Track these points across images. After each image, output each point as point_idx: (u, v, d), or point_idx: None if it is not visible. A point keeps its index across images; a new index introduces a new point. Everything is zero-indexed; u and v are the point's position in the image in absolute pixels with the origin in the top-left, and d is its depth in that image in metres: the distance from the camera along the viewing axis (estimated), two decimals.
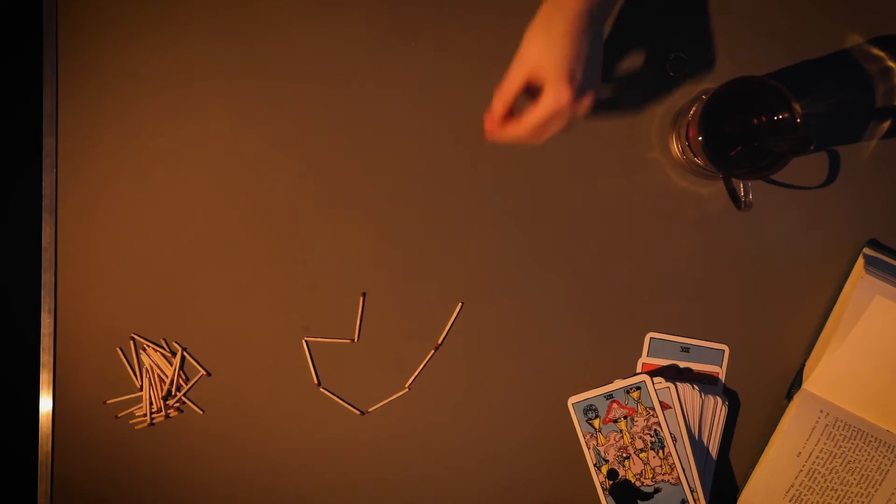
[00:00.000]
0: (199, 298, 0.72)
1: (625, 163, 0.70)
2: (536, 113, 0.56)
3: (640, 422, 0.68)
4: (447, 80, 0.70)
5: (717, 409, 0.68)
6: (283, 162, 0.71)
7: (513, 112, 0.58)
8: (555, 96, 0.55)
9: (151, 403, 0.72)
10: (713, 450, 0.68)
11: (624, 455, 0.68)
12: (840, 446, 0.67)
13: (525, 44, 0.57)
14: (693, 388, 0.67)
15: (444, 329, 0.71)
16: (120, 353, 0.72)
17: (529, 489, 0.71)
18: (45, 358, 0.72)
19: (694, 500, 0.67)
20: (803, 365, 0.69)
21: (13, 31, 1.09)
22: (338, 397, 0.71)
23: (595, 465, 0.69)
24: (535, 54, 0.56)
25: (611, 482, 0.68)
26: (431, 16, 0.70)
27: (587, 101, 0.56)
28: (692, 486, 0.67)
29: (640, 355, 0.70)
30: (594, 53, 0.57)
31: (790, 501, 0.68)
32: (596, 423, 0.69)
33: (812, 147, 0.55)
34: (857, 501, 0.67)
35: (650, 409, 0.68)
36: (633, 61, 0.69)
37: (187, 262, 0.71)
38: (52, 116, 0.72)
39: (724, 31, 0.69)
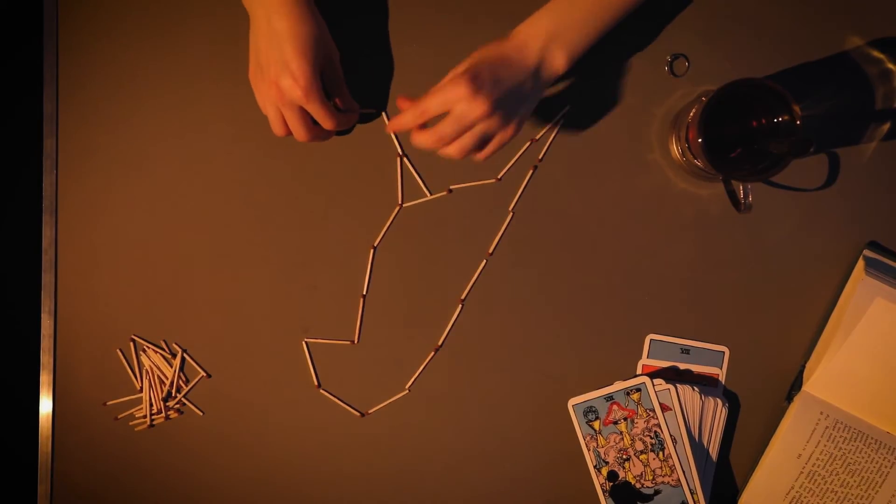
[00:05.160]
0: (199, 300, 0.72)
1: (625, 165, 0.70)
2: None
3: (641, 423, 0.68)
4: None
5: (717, 411, 0.68)
6: (283, 162, 0.71)
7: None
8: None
9: (151, 405, 0.72)
10: (713, 452, 0.68)
11: (624, 457, 0.68)
12: (840, 448, 0.67)
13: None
14: (693, 389, 0.67)
15: (444, 330, 0.71)
16: (120, 354, 0.72)
17: (529, 491, 0.71)
18: (45, 359, 0.72)
19: (694, 501, 0.67)
20: (803, 367, 0.69)
21: (13, 31, 1.09)
22: (338, 399, 0.71)
23: (595, 466, 0.69)
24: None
25: (611, 484, 0.68)
26: (433, 16, 0.70)
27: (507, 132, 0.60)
28: (692, 487, 0.67)
29: (640, 357, 0.70)
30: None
31: (790, 503, 0.68)
32: (596, 424, 0.69)
33: (812, 149, 0.55)
34: (858, 503, 0.67)
35: (650, 410, 0.68)
36: (633, 63, 0.69)
37: (187, 263, 0.71)
38: (52, 117, 0.72)
39: (725, 32, 0.69)
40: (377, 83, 0.70)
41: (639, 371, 0.70)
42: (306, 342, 0.71)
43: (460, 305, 0.71)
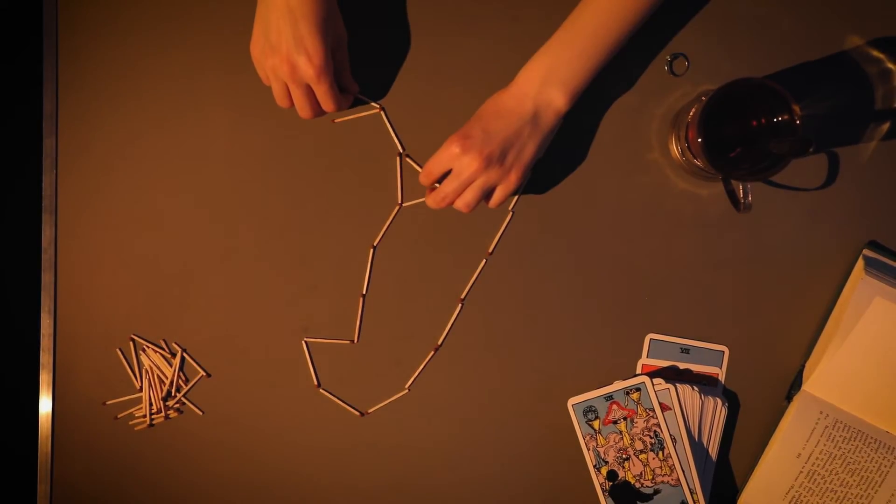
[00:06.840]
0: (199, 299, 0.72)
1: (624, 164, 0.70)
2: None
3: (640, 423, 0.68)
4: (449, 80, 0.70)
5: (716, 411, 0.68)
6: (283, 162, 0.71)
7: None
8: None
9: (151, 404, 0.72)
10: (713, 451, 0.68)
11: (624, 456, 0.68)
12: (840, 447, 0.67)
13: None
14: (693, 389, 0.67)
15: (444, 330, 0.71)
16: (119, 353, 0.72)
17: (529, 490, 0.71)
18: (45, 358, 0.72)
19: (694, 501, 0.67)
20: (803, 366, 0.69)
21: (13, 31, 1.09)
22: (338, 398, 0.71)
23: (595, 466, 0.69)
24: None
25: (610, 483, 0.68)
26: (434, 15, 0.70)
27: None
28: (692, 487, 0.67)
29: (639, 356, 0.70)
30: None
31: (790, 503, 0.68)
32: (596, 424, 0.69)
33: (812, 149, 0.55)
34: (857, 503, 0.67)
35: (650, 410, 0.68)
36: (633, 62, 0.69)
37: (187, 262, 0.71)
38: (52, 116, 0.72)
39: (724, 32, 0.69)
40: (380, 73, 0.70)
41: (638, 371, 0.70)
42: (306, 342, 0.71)
43: (460, 305, 0.71)
